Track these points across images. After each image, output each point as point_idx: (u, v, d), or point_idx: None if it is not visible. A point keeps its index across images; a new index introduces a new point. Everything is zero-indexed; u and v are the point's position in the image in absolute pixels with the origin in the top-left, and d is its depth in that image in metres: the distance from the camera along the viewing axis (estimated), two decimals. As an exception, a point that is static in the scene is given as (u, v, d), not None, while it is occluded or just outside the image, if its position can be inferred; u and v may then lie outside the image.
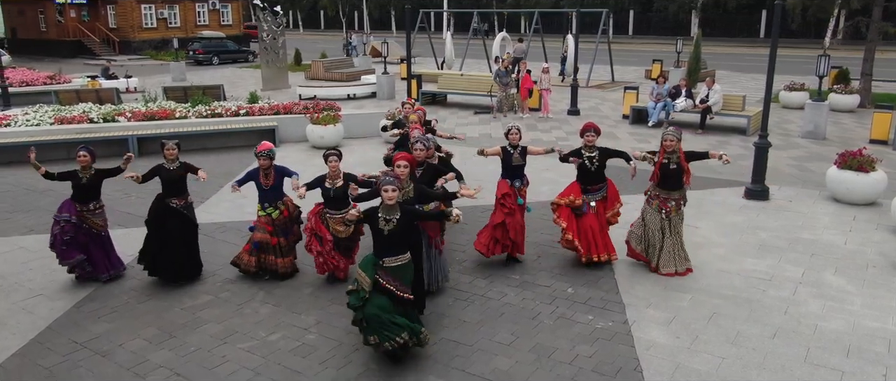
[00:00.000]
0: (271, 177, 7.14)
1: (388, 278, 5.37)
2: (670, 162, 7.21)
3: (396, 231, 5.32)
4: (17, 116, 13.92)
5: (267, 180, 7.13)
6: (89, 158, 7.14)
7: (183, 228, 7.31)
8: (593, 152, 7.44)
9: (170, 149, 7.24)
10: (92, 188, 7.21)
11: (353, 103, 20.47)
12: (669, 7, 50.39)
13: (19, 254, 8.29)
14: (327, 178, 7.05)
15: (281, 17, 24.01)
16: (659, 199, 7.39)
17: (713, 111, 15.40)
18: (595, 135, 7.39)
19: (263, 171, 7.12)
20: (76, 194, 7.19)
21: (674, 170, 7.22)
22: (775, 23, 9.75)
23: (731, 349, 5.86)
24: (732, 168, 12.10)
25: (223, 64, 35.35)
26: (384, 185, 5.34)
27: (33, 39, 43.86)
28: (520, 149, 7.53)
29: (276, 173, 7.18)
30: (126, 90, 22.70)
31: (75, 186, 7.15)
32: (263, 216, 7.23)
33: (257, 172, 7.16)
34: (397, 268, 5.42)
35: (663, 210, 7.37)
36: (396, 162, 6.19)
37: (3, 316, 6.62)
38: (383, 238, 5.35)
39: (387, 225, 5.31)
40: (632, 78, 26.10)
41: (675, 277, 7.35)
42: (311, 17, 74.16)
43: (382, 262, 5.39)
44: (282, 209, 7.30)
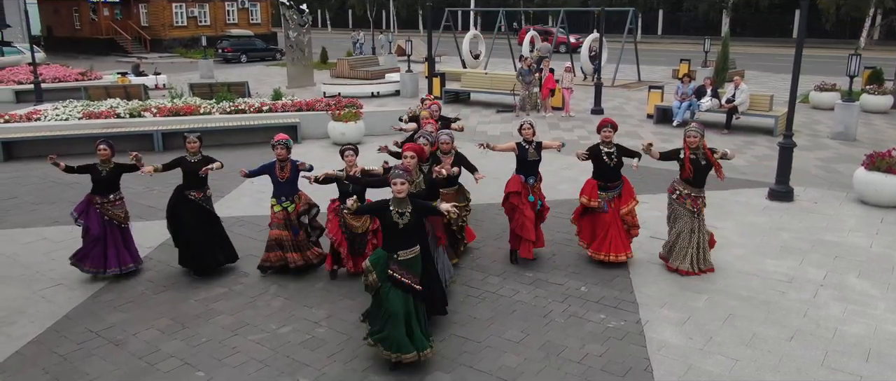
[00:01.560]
0: (288, 169, 7.12)
1: (402, 272, 5.29)
2: (698, 158, 7.11)
3: (410, 224, 5.23)
4: (47, 111, 14.22)
5: (283, 173, 7.11)
6: (109, 151, 7.20)
7: (204, 218, 7.36)
8: (611, 148, 7.34)
9: (191, 142, 7.26)
10: (111, 182, 7.26)
11: (377, 101, 20.55)
12: (699, 6, 49.67)
13: (42, 245, 8.46)
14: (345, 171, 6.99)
15: (306, 16, 24.18)
16: (690, 197, 7.25)
17: (739, 111, 15.13)
18: (612, 130, 7.29)
19: (280, 162, 7.09)
20: (96, 187, 7.24)
21: (704, 166, 7.14)
22: (801, 20, 9.53)
23: (746, 351, 5.74)
24: (757, 169, 11.91)
25: (251, 62, 35.72)
26: (394, 177, 5.26)
27: (68, 37, 44.83)
28: (534, 144, 7.45)
29: (292, 166, 7.17)
30: (155, 87, 23.05)
31: (95, 180, 7.20)
32: (279, 211, 7.20)
33: (273, 165, 7.14)
34: (410, 261, 5.35)
35: (695, 209, 7.25)
36: (404, 153, 6.16)
37: (24, 304, 6.76)
38: (398, 232, 5.25)
39: (401, 219, 5.21)
40: (659, 78, 25.75)
41: (691, 276, 7.23)
42: (339, 16, 74.61)
43: (397, 255, 5.29)
44: (297, 203, 7.29)
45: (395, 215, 5.22)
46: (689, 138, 7.12)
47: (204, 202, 7.40)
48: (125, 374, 5.49)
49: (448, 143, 7.18)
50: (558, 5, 37.27)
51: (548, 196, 7.96)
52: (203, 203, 7.38)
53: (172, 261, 7.78)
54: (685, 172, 7.18)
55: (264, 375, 5.45)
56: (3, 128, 13.26)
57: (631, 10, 24.64)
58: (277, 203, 7.22)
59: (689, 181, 7.22)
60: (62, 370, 5.53)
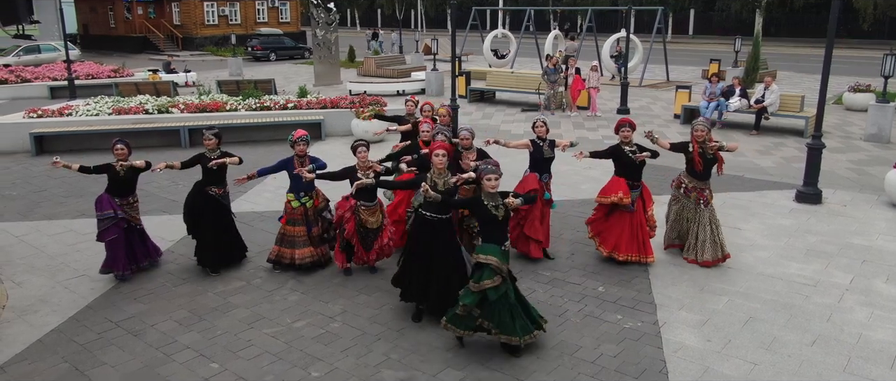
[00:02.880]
0: (307, 165, 7.10)
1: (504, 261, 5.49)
2: (705, 152, 7.26)
3: (507, 216, 5.51)
4: (79, 107, 14.52)
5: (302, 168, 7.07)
6: (126, 150, 7.14)
7: (220, 215, 7.45)
8: (632, 147, 7.29)
9: (208, 139, 7.31)
10: (129, 182, 7.19)
11: (402, 99, 20.56)
12: (732, 6, 48.82)
13: (69, 236, 8.63)
14: (358, 169, 6.98)
15: (334, 14, 24.33)
16: (697, 190, 7.42)
17: (769, 112, 14.83)
18: (630, 130, 7.28)
19: (299, 158, 7.11)
20: (113, 188, 7.13)
21: (710, 159, 7.30)
22: (832, 19, 9.29)
23: (765, 355, 5.61)
24: (785, 170, 11.67)
25: (280, 60, 36.07)
26: (487, 173, 5.49)
27: (103, 35, 45.77)
28: (548, 141, 7.47)
29: (311, 161, 7.17)
30: (185, 84, 23.42)
31: (112, 180, 7.11)
32: (298, 206, 7.23)
33: (291, 161, 7.15)
34: (507, 253, 5.57)
35: (701, 200, 7.36)
36: (434, 151, 6.14)
37: (48, 294, 6.90)
38: (498, 224, 5.49)
39: (497, 211, 5.45)
40: (688, 78, 25.38)
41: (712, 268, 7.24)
42: (368, 15, 74.98)
43: (504, 247, 5.50)
44: (315, 199, 7.34)
45: (491, 208, 5.47)
46: (696, 132, 7.24)
47: (222, 199, 7.46)
48: (141, 364, 5.57)
49: (468, 138, 7.15)
50: (587, 4, 36.95)
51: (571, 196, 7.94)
52: (221, 199, 7.44)
53: (193, 255, 7.87)
54: (695, 166, 7.30)
55: (277, 368, 5.49)
56: (36, 122, 13.57)
57: (660, 9, 24.30)
58: (295, 198, 7.23)
59: (696, 174, 7.35)
60: (80, 359, 5.63)
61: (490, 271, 5.40)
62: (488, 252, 5.44)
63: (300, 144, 7.06)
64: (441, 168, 6.07)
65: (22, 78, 22.34)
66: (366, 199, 7.04)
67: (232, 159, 7.24)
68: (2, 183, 11.18)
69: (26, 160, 12.76)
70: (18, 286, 7.10)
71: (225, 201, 7.50)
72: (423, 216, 6.03)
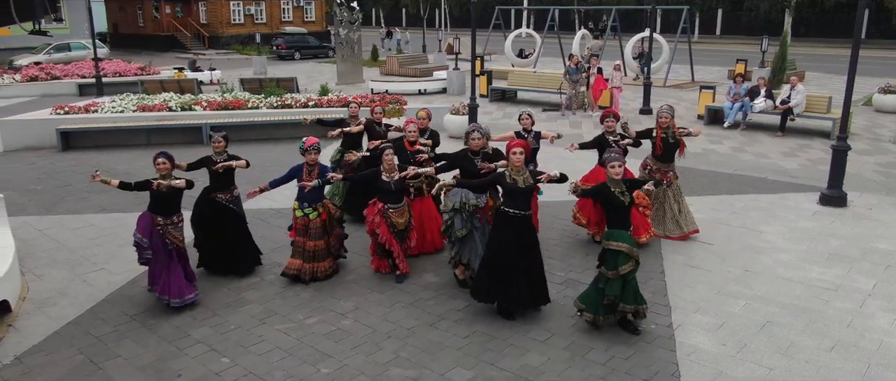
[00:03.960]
0: (316, 174, 6.77)
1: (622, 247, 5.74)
2: (668, 137, 7.86)
3: (631, 202, 5.82)
4: (104, 104, 14.76)
5: (310, 178, 6.73)
6: (169, 165, 6.45)
7: (231, 222, 7.15)
8: (616, 137, 7.75)
9: (217, 141, 7.04)
10: (172, 198, 6.47)
11: (424, 98, 20.61)
12: (761, 6, 48.07)
13: (89, 231, 8.77)
14: (383, 171, 6.88)
15: (357, 13, 24.43)
16: (660, 172, 8.01)
17: (795, 113, 14.55)
18: (614, 120, 7.78)
19: (309, 167, 6.75)
20: (156, 206, 6.46)
21: (672, 144, 7.89)
22: (859, 17, 9.09)
23: (781, 360, 5.49)
24: (810, 172, 11.45)
25: (304, 59, 36.31)
26: (612, 161, 5.80)
27: (132, 34, 46.51)
28: (533, 133, 7.71)
29: (321, 171, 6.82)
30: (209, 82, 23.69)
31: (154, 197, 6.45)
32: (300, 216, 6.84)
33: (300, 169, 6.81)
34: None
35: (664, 181, 8.01)
36: (512, 149, 5.96)
37: (66, 287, 7.02)
38: (624, 210, 5.79)
39: (624, 197, 5.73)
40: (714, 78, 25.00)
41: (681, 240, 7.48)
42: (393, 14, 75.20)
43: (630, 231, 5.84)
44: (321, 212, 6.90)
45: (618, 194, 5.75)
46: (660, 119, 7.87)
47: (231, 203, 7.13)
48: (154, 357, 5.63)
49: (480, 140, 7.11)
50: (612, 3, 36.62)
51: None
52: (230, 204, 7.12)
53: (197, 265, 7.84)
54: (656, 150, 7.95)
55: (287, 364, 5.51)
56: (63, 119, 13.82)
57: (686, 9, 23.99)
58: (299, 208, 6.87)
59: (659, 157, 8.01)
60: (95, 351, 5.71)
61: (624, 257, 5.68)
62: (620, 239, 5.71)
63: (311, 152, 6.72)
64: (519, 165, 5.94)
65: (52, 75, 22.80)
66: (393, 201, 6.93)
67: (239, 163, 6.97)
68: (27, 178, 11.40)
69: (52, 155, 13.01)
70: (39, 279, 7.23)
71: (235, 205, 7.17)
72: (506, 213, 5.97)
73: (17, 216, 9.10)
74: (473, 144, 6.77)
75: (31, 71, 23.05)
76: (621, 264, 5.65)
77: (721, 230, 8.55)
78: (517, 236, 5.95)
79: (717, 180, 10.67)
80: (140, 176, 7.36)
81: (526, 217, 5.96)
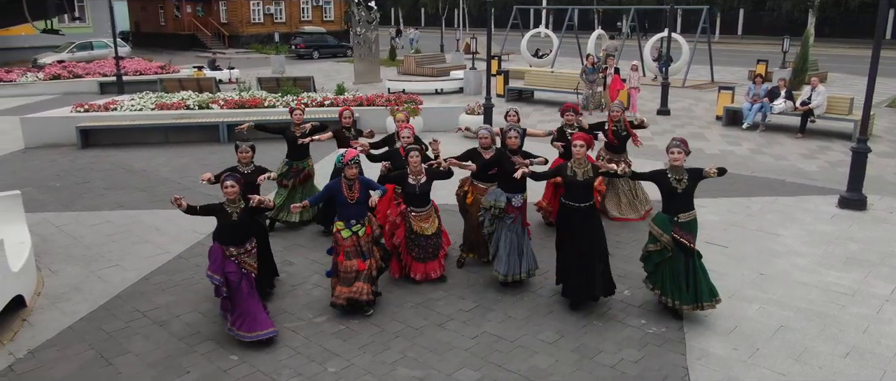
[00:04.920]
0: (357, 189, 6.19)
1: (680, 233, 5.96)
2: (619, 130, 8.72)
3: (687, 189, 5.95)
4: (124, 102, 14.93)
5: (351, 193, 6.16)
6: (237, 188, 5.68)
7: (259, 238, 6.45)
8: (574, 129, 8.18)
9: (244, 151, 6.70)
10: (242, 226, 5.77)
11: (440, 98, 20.61)
12: (783, 6, 47.40)
13: (106, 227, 8.87)
14: (409, 174, 6.74)
15: (375, 13, 24.48)
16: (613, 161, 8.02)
17: (815, 114, 14.33)
18: (574, 114, 8.36)
19: (348, 181, 6.17)
20: (224, 234, 5.74)
21: (624, 136, 8.75)
22: (880, 17, 8.92)
23: (794, 366, 5.41)
24: (830, 175, 11.27)
25: (323, 58, 36.47)
26: (672, 147, 6.00)
27: (153, 33, 47.03)
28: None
29: (361, 185, 6.25)
30: (229, 80, 23.88)
31: (224, 225, 5.73)
32: (349, 236, 6.18)
33: (338, 185, 6.23)
34: (689, 223, 6.03)
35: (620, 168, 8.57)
36: (574, 142, 6.18)
37: (81, 283, 7.10)
38: (677, 197, 5.96)
39: (679, 184, 5.92)
40: (734, 79, 24.72)
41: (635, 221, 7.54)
42: (411, 14, 75.32)
43: (678, 218, 5.96)
44: (368, 226, 6.32)
45: (674, 181, 5.94)
46: (612, 113, 8.82)
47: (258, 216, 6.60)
48: (164, 354, 5.68)
49: (487, 138, 7.09)
50: (631, 3, 36.35)
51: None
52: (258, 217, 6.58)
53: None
54: (610, 140, 8.77)
55: (295, 362, 5.53)
56: (83, 117, 14.00)
57: (705, 9, 23.72)
58: (346, 227, 6.19)
59: (612, 148, 8.83)
60: (106, 347, 5.77)
61: (653, 238, 6.10)
62: (657, 221, 6.10)
63: (352, 167, 6.14)
64: (580, 158, 6.19)
65: (74, 74, 23.12)
66: (416, 205, 6.79)
67: (269, 175, 6.56)
68: (47, 175, 11.56)
69: (72, 153, 13.18)
70: (54, 275, 7.32)
71: (261, 219, 6.89)
72: (567, 207, 6.27)
73: (35, 212, 9.24)
74: (511, 143, 6.84)
75: (53, 69, 23.39)
76: (649, 243, 6.20)
77: (736, 233, 8.44)
78: (580, 227, 6.23)
79: (733, 182, 10.52)
80: (156, 173, 7.39)
81: (586, 209, 6.23)
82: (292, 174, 8.42)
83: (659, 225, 6.05)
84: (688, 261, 6.03)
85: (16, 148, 13.62)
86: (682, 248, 5.99)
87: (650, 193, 8.85)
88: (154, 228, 8.79)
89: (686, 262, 6.02)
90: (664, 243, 6.01)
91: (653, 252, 6.13)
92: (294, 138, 8.31)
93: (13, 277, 6.24)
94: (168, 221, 9.04)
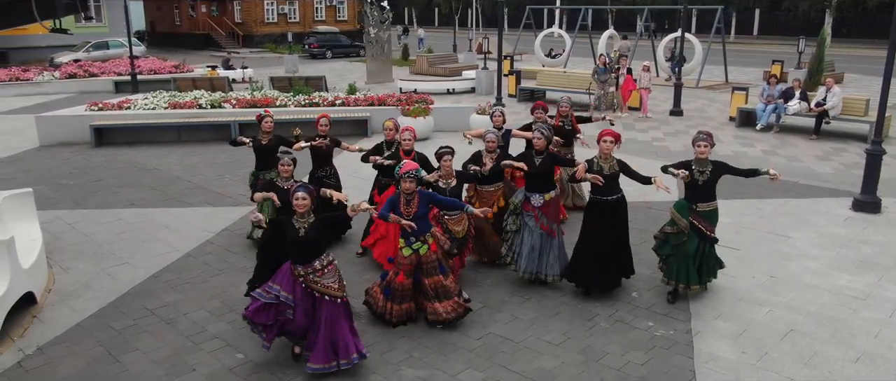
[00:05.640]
0: (415, 204, 5.81)
1: (699, 219, 6.31)
2: (565, 125, 8.94)
3: (709, 181, 6.24)
4: (137, 101, 15.05)
5: (408, 208, 5.79)
6: (309, 201, 5.19)
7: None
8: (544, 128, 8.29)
9: (285, 165, 6.26)
10: (312, 244, 5.22)
11: (452, 98, 20.60)
12: (800, 6, 46.94)
13: (117, 225, 8.93)
14: (441, 177, 6.62)
15: (387, 13, 24.51)
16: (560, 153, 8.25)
17: (830, 115, 14.17)
18: (543, 112, 8.30)
19: (406, 195, 5.82)
20: (294, 252, 5.23)
21: (569, 131, 8.95)
22: (895, 18, 8.78)
23: (803, 371, 5.34)
24: (844, 177, 11.15)
25: (336, 58, 36.58)
26: (699, 140, 6.25)
27: (168, 32, 47.43)
28: (503, 131, 7.84)
29: (420, 199, 5.86)
30: (242, 80, 24.00)
31: (293, 242, 5.17)
32: (409, 254, 5.89)
33: (397, 199, 5.85)
34: (709, 213, 6.37)
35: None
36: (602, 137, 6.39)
37: (91, 280, 7.16)
38: (698, 187, 6.28)
39: (701, 176, 6.22)
40: (749, 79, 24.51)
41: None
42: (425, 14, 75.38)
43: (696, 207, 6.31)
44: (430, 243, 5.94)
45: (697, 172, 6.24)
46: (560, 109, 9.01)
47: None
48: (171, 351, 5.70)
49: (493, 141, 7.09)
50: (645, 3, 36.15)
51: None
52: None
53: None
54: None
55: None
56: (96, 115, 14.12)
57: (719, 9, 23.54)
58: (406, 245, 5.89)
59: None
60: (114, 344, 5.81)
61: (671, 221, 6.43)
62: (677, 207, 6.42)
63: (407, 180, 5.74)
64: (607, 153, 6.39)
65: (89, 73, 23.34)
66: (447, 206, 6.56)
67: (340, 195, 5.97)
68: (61, 172, 11.68)
69: (86, 151, 13.30)
70: (65, 272, 7.39)
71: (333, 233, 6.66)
72: (595, 200, 6.53)
73: (48, 210, 9.34)
74: (538, 144, 6.75)
75: (69, 68, 23.63)
76: (666, 226, 6.53)
77: (748, 235, 8.36)
78: (607, 220, 6.48)
79: (745, 184, 10.41)
80: (168, 172, 7.40)
81: (613, 202, 6.48)
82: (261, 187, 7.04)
83: (678, 210, 6.39)
84: (700, 245, 6.37)
85: (31, 146, 13.77)
86: (698, 233, 6.33)
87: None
88: (164, 226, 8.85)
89: (698, 244, 6.36)
90: (681, 227, 6.33)
91: (669, 235, 6.46)
92: (262, 148, 7.74)
93: (24, 273, 6.30)
94: (178, 219, 9.10)
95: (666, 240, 6.51)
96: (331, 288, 5.27)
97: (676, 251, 6.42)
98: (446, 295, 5.97)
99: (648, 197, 9.20)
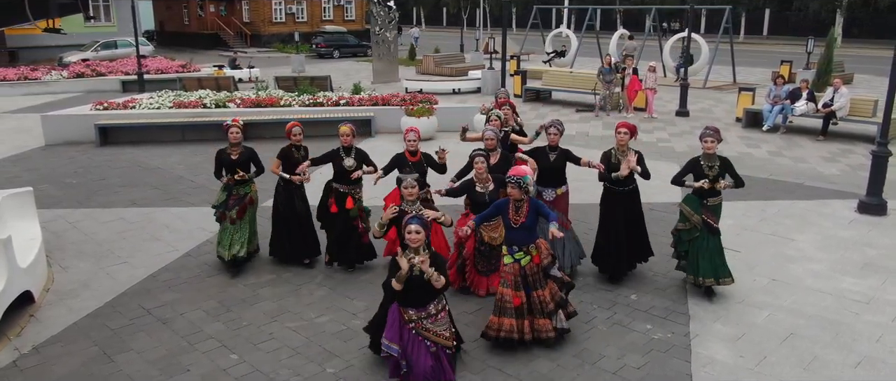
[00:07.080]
0: (524, 212, 5.50)
1: (708, 214, 6.46)
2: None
3: (717, 176, 6.41)
4: (142, 100, 15.10)
5: (517, 217, 5.50)
6: (423, 234, 4.80)
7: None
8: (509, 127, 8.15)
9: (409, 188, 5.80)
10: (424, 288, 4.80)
11: (458, 97, 20.56)
12: (810, 6, 46.57)
13: (118, 224, 8.95)
14: (477, 181, 6.38)
15: (393, 12, 24.50)
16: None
17: (837, 116, 14.03)
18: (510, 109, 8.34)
19: (515, 202, 5.52)
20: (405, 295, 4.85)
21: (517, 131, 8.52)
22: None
23: (802, 375, 5.27)
24: (850, 178, 11.03)
25: (343, 57, 36.63)
26: (705, 137, 6.39)
27: (177, 32, 47.68)
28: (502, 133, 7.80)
29: (530, 209, 5.53)
30: (249, 79, 24.06)
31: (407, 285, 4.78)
32: (510, 263, 5.57)
33: (506, 205, 5.60)
34: (716, 206, 6.53)
35: None
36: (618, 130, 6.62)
37: (90, 279, 7.17)
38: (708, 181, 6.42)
39: (711, 171, 6.38)
40: (757, 80, 24.34)
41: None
42: (433, 13, 75.37)
43: (706, 201, 6.44)
44: (534, 255, 5.63)
45: (706, 168, 6.42)
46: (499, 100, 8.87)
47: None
48: (166, 351, 5.69)
49: (492, 140, 7.03)
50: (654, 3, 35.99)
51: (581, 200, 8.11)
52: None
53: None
54: None
55: (294, 362, 5.51)
56: (101, 114, 14.18)
57: (728, 8, 23.37)
58: (508, 254, 5.61)
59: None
60: (110, 344, 5.81)
61: (683, 217, 6.60)
62: (688, 202, 6.60)
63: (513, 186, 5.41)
64: (623, 146, 6.64)
65: (97, 72, 23.47)
66: None
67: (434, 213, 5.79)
68: (65, 171, 11.72)
69: (90, 150, 13.35)
70: (65, 271, 7.40)
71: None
72: (611, 190, 6.79)
73: (50, 209, 9.37)
74: (552, 140, 6.91)
75: (77, 68, 23.76)
76: (679, 222, 6.69)
77: (750, 237, 8.28)
78: (624, 210, 6.77)
79: (750, 185, 10.26)
80: (171, 171, 7.38)
81: (628, 192, 6.77)
82: (233, 203, 7.17)
83: (690, 205, 6.55)
84: (711, 241, 6.49)
85: (37, 145, 13.84)
86: (709, 228, 6.46)
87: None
88: (165, 225, 8.85)
89: (709, 240, 6.49)
90: (694, 223, 6.48)
91: (681, 231, 6.61)
92: (230, 162, 7.14)
93: (21, 272, 6.31)
94: (179, 218, 9.11)
95: (679, 237, 6.67)
96: (442, 336, 4.97)
97: (696, 249, 6.52)
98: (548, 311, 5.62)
99: (648, 197, 9.09)
